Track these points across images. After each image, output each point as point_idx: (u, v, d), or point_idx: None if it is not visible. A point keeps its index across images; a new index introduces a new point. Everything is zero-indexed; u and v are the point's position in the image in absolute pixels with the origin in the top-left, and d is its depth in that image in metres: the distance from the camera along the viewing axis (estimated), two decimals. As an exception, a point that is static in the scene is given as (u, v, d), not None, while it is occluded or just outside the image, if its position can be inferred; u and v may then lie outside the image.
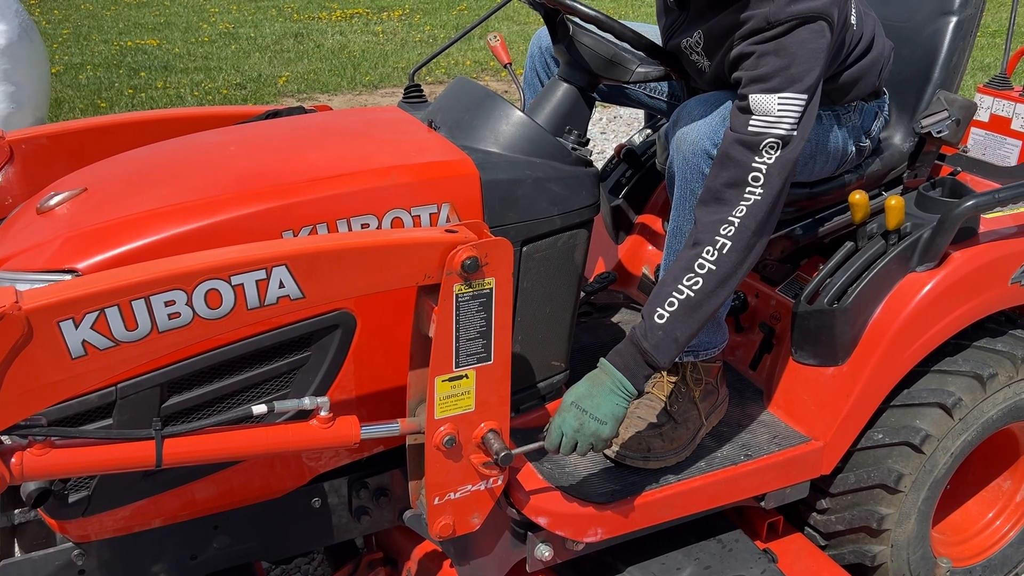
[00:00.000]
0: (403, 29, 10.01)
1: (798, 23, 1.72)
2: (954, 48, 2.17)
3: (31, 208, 1.71)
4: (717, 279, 1.73)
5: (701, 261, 1.73)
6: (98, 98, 7.27)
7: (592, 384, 1.77)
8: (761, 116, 1.72)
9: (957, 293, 1.97)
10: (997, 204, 1.97)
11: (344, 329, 1.72)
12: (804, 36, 1.73)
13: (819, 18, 1.73)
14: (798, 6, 1.72)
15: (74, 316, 1.26)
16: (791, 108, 1.71)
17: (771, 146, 1.71)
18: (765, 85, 1.72)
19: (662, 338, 1.74)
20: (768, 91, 1.72)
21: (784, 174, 1.73)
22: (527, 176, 1.84)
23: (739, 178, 1.72)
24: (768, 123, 1.71)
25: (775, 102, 1.71)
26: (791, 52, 1.72)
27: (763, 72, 1.73)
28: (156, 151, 1.87)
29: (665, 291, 1.76)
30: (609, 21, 1.87)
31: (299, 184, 1.68)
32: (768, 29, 1.73)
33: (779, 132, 1.71)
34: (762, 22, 1.74)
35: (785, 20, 1.72)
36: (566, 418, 1.74)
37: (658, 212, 2.74)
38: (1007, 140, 2.59)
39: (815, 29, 1.73)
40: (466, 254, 1.50)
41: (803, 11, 1.72)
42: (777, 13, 1.72)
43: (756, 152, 1.71)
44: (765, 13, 1.73)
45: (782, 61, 1.72)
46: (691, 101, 1.91)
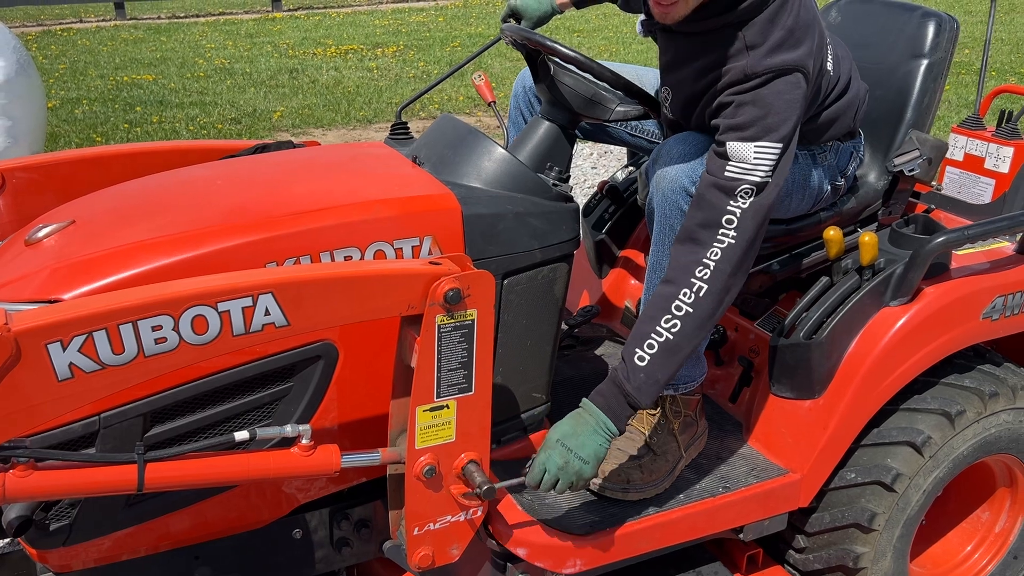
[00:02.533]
0: (397, 65, 10.12)
1: (774, 75, 1.78)
2: (925, 89, 2.23)
3: (20, 240, 1.74)
4: (695, 321, 1.77)
5: (678, 303, 1.77)
6: (94, 132, 7.32)
7: (576, 423, 1.79)
8: (738, 163, 1.77)
9: (930, 327, 2.01)
10: (967, 240, 2.02)
11: (326, 360, 1.75)
12: (781, 87, 1.79)
13: (795, 70, 1.80)
14: (775, 59, 1.78)
15: (62, 339, 1.29)
16: (766, 156, 1.77)
17: (746, 192, 1.76)
18: (742, 134, 1.78)
19: (644, 380, 1.78)
20: (745, 139, 1.78)
21: (758, 219, 1.78)
22: (508, 211, 1.88)
23: (713, 220, 1.77)
24: (744, 170, 1.77)
25: (751, 150, 1.77)
26: (768, 103, 1.78)
27: (741, 121, 1.79)
28: (144, 184, 1.91)
29: (644, 331, 1.79)
30: (588, 62, 1.93)
31: (283, 217, 1.72)
32: (746, 81, 1.79)
33: (754, 179, 1.76)
34: (739, 75, 1.80)
35: (763, 72, 1.78)
36: (551, 455, 1.76)
37: (640, 247, 2.78)
38: (981, 178, 2.65)
39: (791, 81, 1.80)
40: (449, 286, 1.54)
41: (780, 64, 1.78)
42: (755, 66, 1.79)
43: (731, 196, 1.76)
44: (743, 66, 1.80)
45: (759, 111, 1.78)
46: (670, 140, 1.96)
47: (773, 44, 1.80)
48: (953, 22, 2.26)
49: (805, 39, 1.84)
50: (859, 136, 2.21)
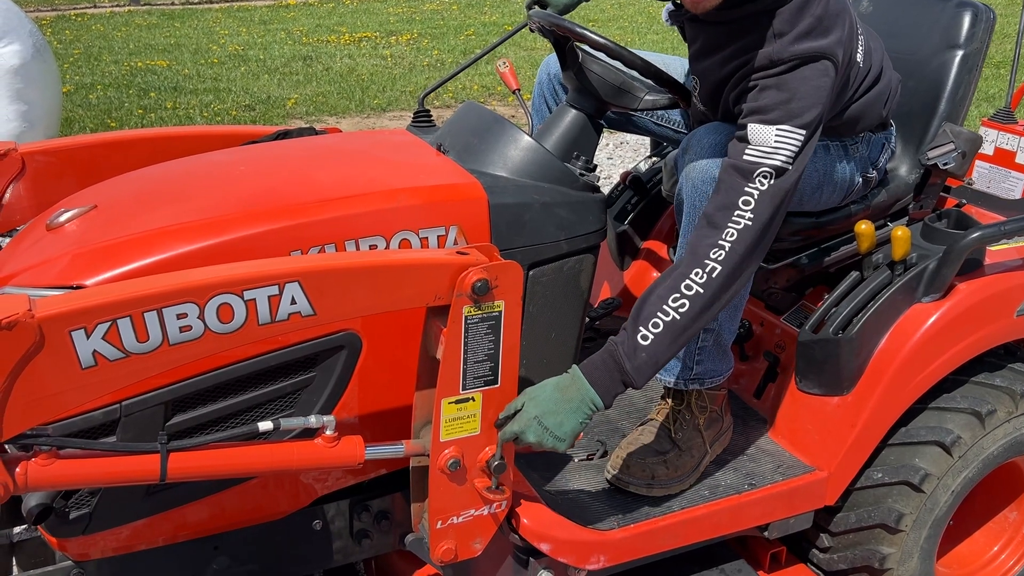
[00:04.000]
0: (411, 53, 10.08)
1: (801, 62, 1.75)
2: (960, 81, 2.19)
3: (41, 224, 1.72)
4: (703, 302, 1.71)
5: (688, 282, 1.71)
6: (108, 118, 7.32)
7: (560, 398, 1.68)
8: (757, 146, 1.73)
9: (963, 324, 1.97)
10: (1003, 236, 1.98)
11: (350, 350, 1.72)
12: (807, 74, 1.75)
13: (823, 57, 1.76)
14: (802, 45, 1.75)
15: (86, 326, 1.26)
16: (788, 141, 1.73)
17: (764, 175, 1.72)
18: (764, 116, 1.74)
19: (644, 360, 1.71)
20: (766, 123, 1.74)
21: (775, 203, 1.73)
22: (535, 201, 1.85)
23: (730, 201, 1.73)
24: (763, 153, 1.72)
25: (772, 134, 1.73)
26: (792, 87, 1.74)
27: (763, 104, 1.75)
28: (166, 170, 1.88)
29: (650, 310, 1.73)
30: (618, 49, 1.89)
31: (308, 204, 1.69)
32: (772, 67, 1.76)
33: (774, 163, 1.72)
34: (765, 60, 1.77)
35: (789, 59, 1.75)
36: (527, 430, 1.64)
37: (663, 239, 2.74)
38: (1012, 173, 2.60)
39: (819, 68, 1.76)
40: (477, 276, 1.51)
41: (807, 50, 1.75)
42: (780, 52, 1.75)
43: (748, 179, 1.72)
44: (769, 52, 1.76)
45: (783, 95, 1.74)
46: (701, 129, 1.93)
47: (801, 31, 1.77)
48: (989, 12, 2.21)
49: (834, 28, 1.80)
50: (891, 128, 2.17)
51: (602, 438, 2.14)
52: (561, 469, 2.01)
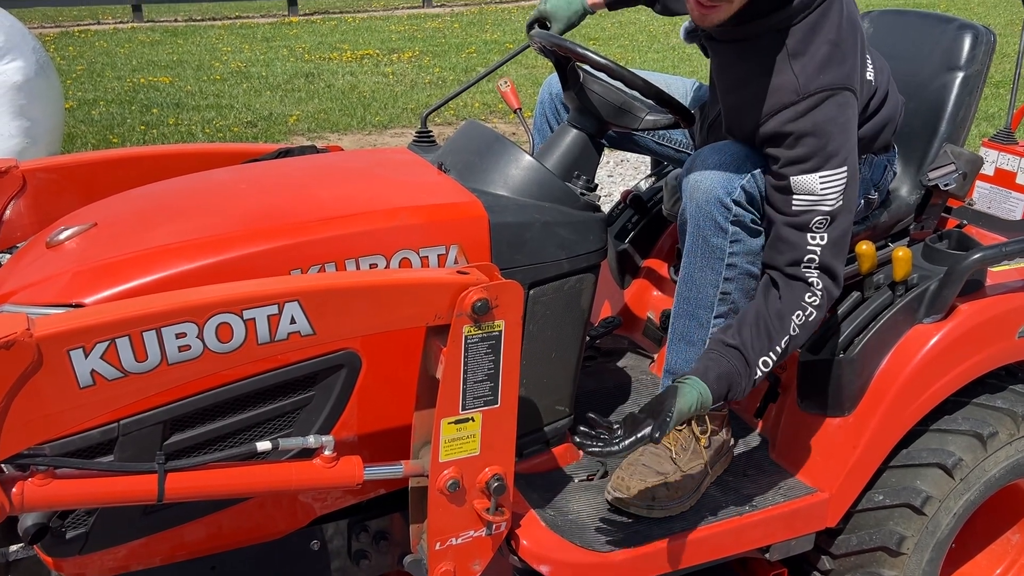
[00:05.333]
0: (413, 71, 10.12)
1: (827, 96, 1.78)
2: (960, 103, 2.19)
3: (41, 242, 1.72)
4: (802, 339, 1.86)
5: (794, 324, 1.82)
6: (110, 134, 7.34)
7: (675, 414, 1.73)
8: (804, 195, 1.79)
9: (964, 345, 1.96)
10: (1004, 258, 1.98)
11: (349, 369, 1.71)
12: (833, 111, 1.79)
13: (845, 89, 1.80)
14: (824, 78, 1.78)
15: (85, 345, 1.26)
16: (832, 183, 1.78)
17: (819, 224, 1.79)
18: (803, 166, 1.79)
19: (753, 376, 1.82)
20: (807, 171, 1.78)
21: (840, 248, 1.83)
22: (535, 220, 1.85)
23: (798, 258, 1.81)
24: (812, 202, 1.79)
25: (816, 181, 1.78)
26: (823, 129, 1.78)
27: (799, 154, 1.79)
28: (167, 187, 1.88)
29: (771, 344, 1.82)
30: (619, 69, 1.89)
31: (309, 223, 1.69)
32: (799, 101, 1.78)
33: (825, 209, 1.78)
34: (792, 95, 1.79)
35: (815, 91, 1.78)
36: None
37: (663, 257, 2.74)
38: (1012, 194, 2.60)
39: (842, 101, 1.80)
40: (477, 296, 1.50)
41: (830, 83, 1.79)
42: (807, 85, 1.78)
43: (806, 231, 1.79)
44: (794, 86, 1.78)
45: (817, 141, 1.78)
46: (705, 149, 1.93)
47: (821, 60, 1.80)
48: (990, 35, 2.22)
49: (850, 53, 1.83)
50: (893, 149, 2.18)
51: (602, 458, 2.13)
52: (561, 490, 2.00)
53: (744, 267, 1.91)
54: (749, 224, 1.88)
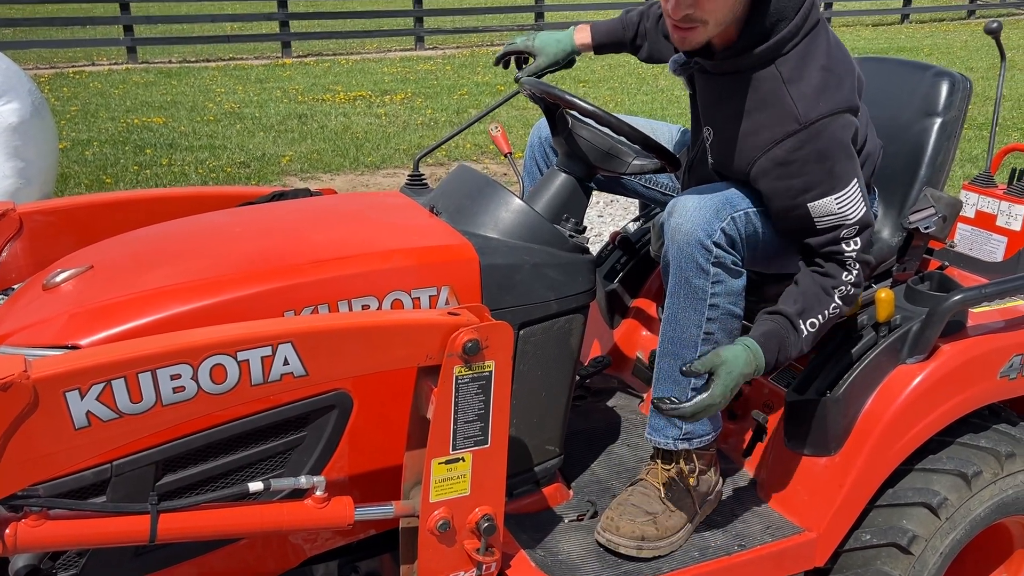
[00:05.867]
0: (405, 112, 10.23)
1: (829, 121, 1.85)
2: (939, 148, 2.25)
3: (37, 284, 1.74)
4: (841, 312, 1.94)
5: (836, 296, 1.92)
6: (104, 174, 7.38)
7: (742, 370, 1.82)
8: (826, 216, 1.88)
9: (947, 386, 1.99)
10: (984, 299, 2.02)
11: (341, 409, 1.73)
12: (839, 135, 1.86)
13: (846, 111, 1.87)
14: (825, 104, 1.85)
15: (80, 386, 1.28)
16: (849, 199, 1.87)
17: (848, 232, 1.89)
18: (818, 191, 1.87)
19: (801, 344, 1.90)
20: (823, 196, 1.86)
21: (869, 242, 1.94)
22: (525, 262, 1.88)
23: (836, 256, 1.93)
24: (837, 220, 1.89)
25: (833, 203, 1.87)
26: (832, 154, 1.86)
27: (811, 180, 1.87)
28: (162, 230, 1.91)
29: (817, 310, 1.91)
30: (607, 116, 1.94)
31: (302, 265, 1.72)
32: (801, 130, 1.85)
33: (850, 221, 1.88)
34: (793, 124, 1.85)
35: (816, 119, 1.84)
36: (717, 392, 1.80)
37: (652, 297, 2.78)
38: (993, 236, 2.65)
39: (844, 123, 1.87)
40: (468, 336, 1.53)
41: (831, 108, 1.85)
42: (807, 113, 1.84)
43: (840, 241, 1.90)
44: (794, 115, 1.85)
45: (826, 165, 1.86)
46: (686, 193, 1.97)
47: (818, 87, 1.86)
48: (966, 82, 2.28)
49: (846, 76, 1.90)
50: (874, 192, 2.23)
51: (592, 498, 2.14)
52: (551, 530, 2.01)
53: (726, 307, 1.95)
54: (730, 265, 1.92)
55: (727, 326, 1.97)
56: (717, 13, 1.83)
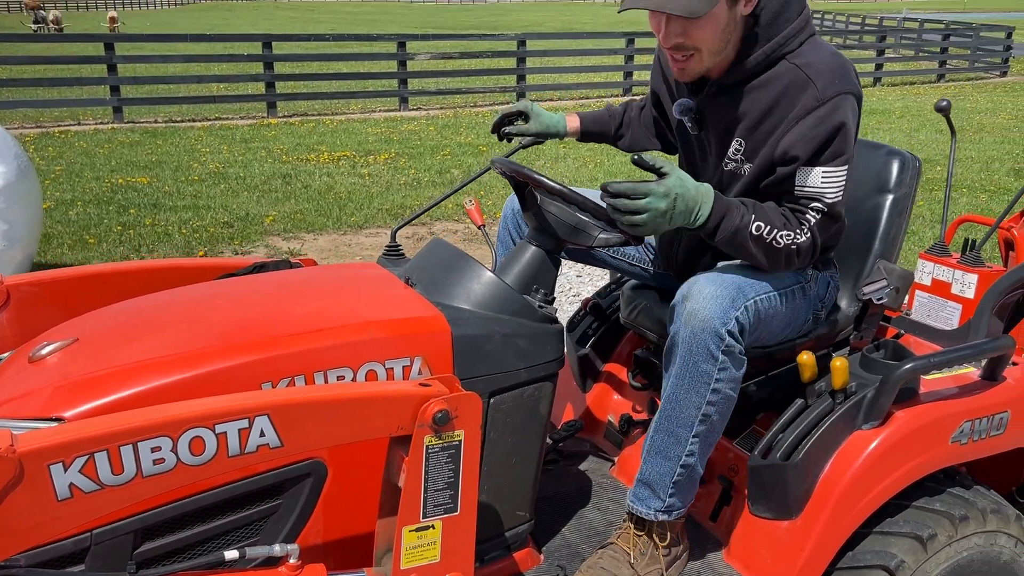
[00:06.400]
0: (388, 172, 10.38)
1: (843, 98, 2.00)
2: (891, 222, 2.37)
3: (23, 356, 1.80)
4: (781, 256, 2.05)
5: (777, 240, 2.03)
6: (87, 234, 7.43)
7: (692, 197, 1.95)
8: (806, 187, 2.03)
9: (901, 451, 2.07)
10: (934, 367, 2.11)
11: (315, 478, 1.79)
12: (848, 113, 2.02)
13: (855, 94, 2.03)
14: (841, 84, 2.02)
15: (64, 459, 1.33)
16: (834, 178, 2.03)
17: (816, 209, 2.04)
18: (810, 160, 2.01)
19: (742, 238, 2.01)
20: (811, 165, 2.02)
21: (825, 233, 2.07)
22: (496, 332, 1.96)
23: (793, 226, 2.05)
24: (814, 193, 2.03)
25: (820, 175, 2.02)
26: (836, 131, 2.01)
27: (808, 149, 2.01)
28: (145, 303, 1.98)
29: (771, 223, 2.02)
30: (572, 194, 2.04)
31: (279, 338, 1.79)
32: (820, 106, 2.00)
33: (827, 200, 2.03)
34: (813, 101, 2.00)
35: (833, 95, 2.00)
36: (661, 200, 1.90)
37: (623, 362, 2.86)
38: (948, 303, 2.76)
39: (852, 105, 2.04)
40: (438, 407, 1.60)
41: (844, 88, 2.02)
42: (825, 90, 2.00)
43: (806, 210, 2.04)
44: (815, 94, 2.00)
45: (828, 139, 2.00)
46: (701, 278, 2.05)
47: (833, 68, 2.04)
48: (916, 160, 2.41)
49: (851, 68, 2.08)
50: (835, 267, 2.34)
51: (562, 562, 2.19)
52: (521, 594, 2.06)
53: (727, 392, 2.03)
54: (737, 355, 2.01)
55: (723, 409, 2.06)
56: (707, 41, 2.00)
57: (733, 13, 2.00)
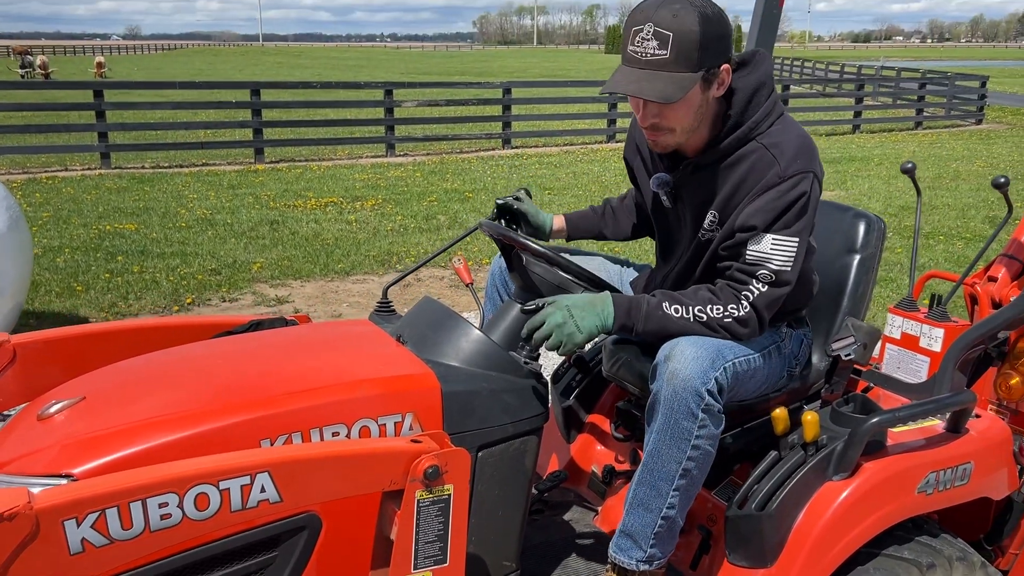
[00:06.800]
0: (375, 219, 10.50)
1: (802, 177, 2.15)
2: (859, 281, 2.49)
3: (32, 414, 1.88)
4: (705, 329, 2.17)
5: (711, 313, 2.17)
6: (75, 281, 7.47)
7: (589, 301, 2.13)
8: (755, 251, 2.15)
9: (869, 501, 2.17)
10: (899, 421, 2.22)
11: (310, 531, 1.86)
12: (805, 188, 2.16)
13: (815, 175, 2.18)
14: (802, 163, 2.17)
15: (77, 515, 1.42)
16: (783, 247, 2.15)
17: (764, 275, 2.15)
18: (762, 227, 2.14)
19: (656, 321, 2.15)
20: (764, 232, 2.15)
21: (772, 307, 2.18)
22: (483, 388, 2.06)
23: (738, 291, 2.18)
24: (762, 258, 2.15)
25: (768, 242, 2.15)
26: (792, 205, 2.14)
27: (765, 219, 2.14)
28: (147, 362, 2.07)
29: (681, 300, 2.18)
30: (555, 257, 2.16)
31: (277, 396, 1.88)
32: (782, 182, 2.14)
33: (772, 267, 2.16)
34: (776, 178, 2.15)
35: (794, 173, 2.14)
36: (555, 313, 2.09)
37: (605, 413, 2.96)
38: (917, 356, 2.88)
39: (812, 184, 2.18)
40: (428, 463, 1.69)
41: (806, 167, 2.16)
42: (787, 168, 2.15)
43: (752, 277, 2.17)
44: (777, 171, 2.15)
45: (782, 211, 2.14)
46: (683, 340, 2.15)
47: (796, 149, 2.18)
48: (880, 222, 2.54)
49: (816, 153, 2.22)
50: (808, 325, 2.46)
51: None
52: (506, 643, 2.13)
53: (706, 448, 2.14)
54: (716, 413, 2.12)
55: (702, 464, 2.16)
56: (682, 121, 2.16)
57: (706, 96, 2.14)
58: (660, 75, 2.06)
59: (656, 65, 2.06)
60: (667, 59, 2.05)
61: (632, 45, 2.09)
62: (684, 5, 2.05)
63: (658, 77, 2.06)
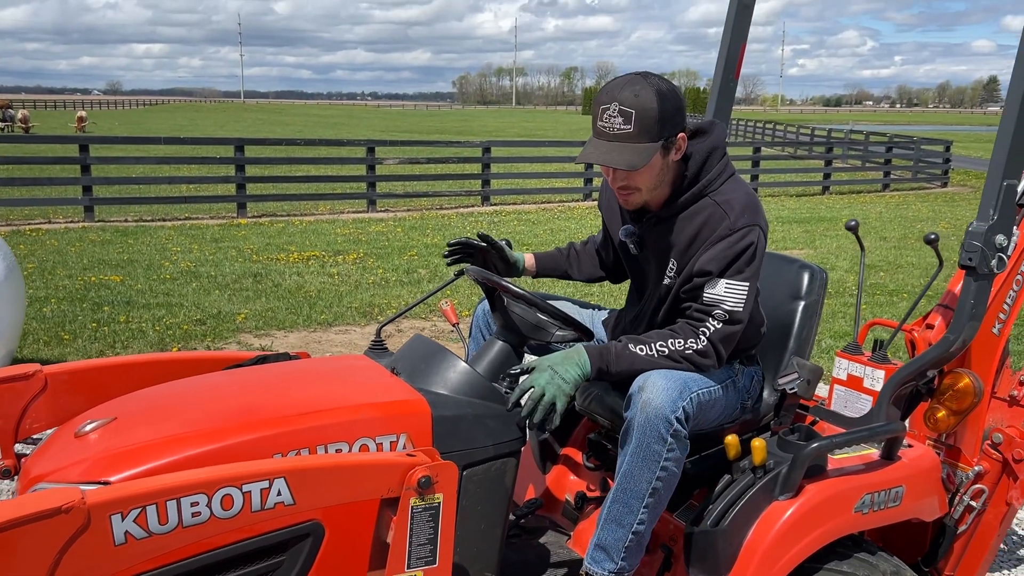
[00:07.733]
0: (357, 271, 10.75)
1: (749, 229, 2.46)
2: (803, 325, 2.80)
3: (69, 432, 2.12)
4: (667, 363, 2.45)
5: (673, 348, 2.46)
6: (62, 331, 7.64)
7: (565, 356, 2.40)
8: (711, 293, 2.45)
9: (811, 519, 2.43)
10: (836, 447, 2.50)
11: (314, 537, 2.09)
12: (752, 239, 2.47)
13: (760, 227, 2.49)
14: (750, 217, 2.48)
15: (123, 511, 1.65)
16: (735, 291, 2.45)
17: (719, 315, 2.45)
18: (716, 274, 2.44)
19: (626, 361, 2.44)
20: (718, 277, 2.45)
21: (728, 344, 2.47)
22: (468, 413, 2.32)
23: (696, 327, 2.47)
24: (717, 299, 2.44)
25: (723, 286, 2.46)
26: (742, 254, 2.45)
27: (718, 266, 2.45)
28: (171, 389, 2.32)
29: (644, 340, 2.48)
30: (534, 299, 2.45)
31: (288, 417, 2.13)
32: (732, 234, 2.45)
33: (726, 307, 2.44)
34: (726, 230, 2.47)
35: (742, 226, 2.46)
36: (540, 375, 2.34)
37: (578, 446, 3.21)
38: (861, 395, 3.17)
39: (759, 236, 2.49)
40: (422, 473, 1.94)
41: (753, 221, 2.49)
42: (736, 221, 2.46)
43: (709, 315, 2.46)
44: (728, 224, 2.47)
45: (733, 260, 2.44)
46: (654, 373, 2.43)
47: (744, 205, 2.49)
48: (823, 273, 2.86)
49: (761, 210, 2.54)
50: (759, 363, 2.75)
51: None
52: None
53: (672, 470, 2.41)
54: (683, 438, 2.39)
55: (669, 484, 2.43)
56: (646, 183, 2.50)
57: (666, 160, 2.47)
58: (627, 146, 2.39)
59: (622, 138, 2.39)
60: (631, 132, 2.38)
61: (601, 121, 2.42)
62: (643, 85, 2.38)
63: (625, 148, 2.39)
